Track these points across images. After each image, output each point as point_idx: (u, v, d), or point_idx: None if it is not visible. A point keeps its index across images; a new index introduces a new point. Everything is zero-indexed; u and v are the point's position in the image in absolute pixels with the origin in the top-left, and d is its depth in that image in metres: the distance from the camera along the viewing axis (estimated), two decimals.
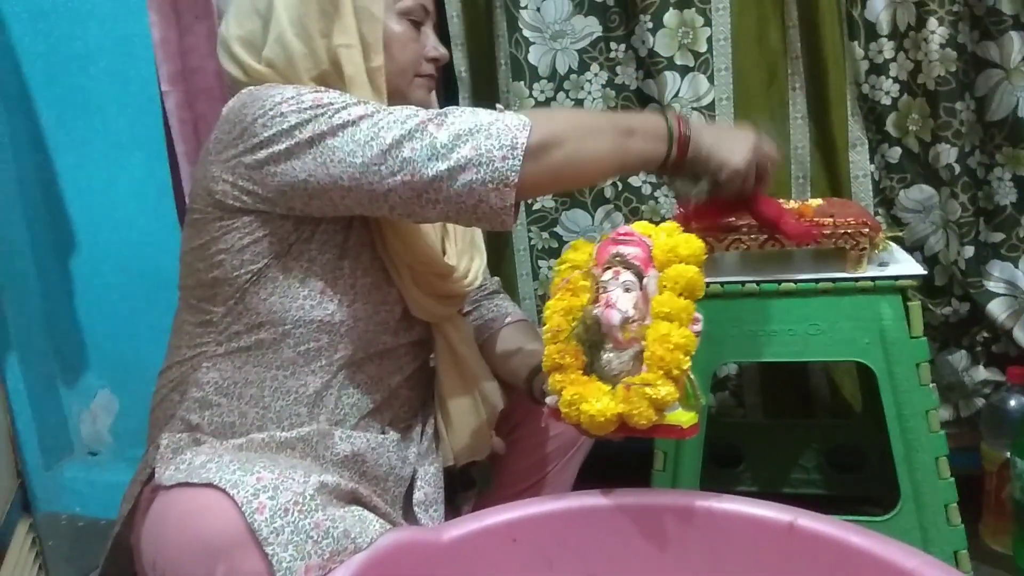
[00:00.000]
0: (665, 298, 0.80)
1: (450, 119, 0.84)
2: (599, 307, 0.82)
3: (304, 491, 0.75)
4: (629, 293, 0.81)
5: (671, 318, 0.79)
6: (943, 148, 1.32)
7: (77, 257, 1.82)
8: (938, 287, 1.39)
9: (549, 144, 0.84)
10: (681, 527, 0.83)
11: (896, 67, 1.35)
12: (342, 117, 0.85)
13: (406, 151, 0.83)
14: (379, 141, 0.84)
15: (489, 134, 0.82)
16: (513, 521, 0.84)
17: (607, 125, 0.89)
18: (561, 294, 0.85)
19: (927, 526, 1.13)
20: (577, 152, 0.86)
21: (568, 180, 0.91)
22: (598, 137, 0.88)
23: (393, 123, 0.84)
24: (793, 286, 1.12)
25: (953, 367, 1.40)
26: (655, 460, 1.21)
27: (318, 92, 0.88)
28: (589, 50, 1.48)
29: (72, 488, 1.80)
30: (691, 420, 0.80)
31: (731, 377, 1.55)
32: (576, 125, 0.88)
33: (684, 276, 0.80)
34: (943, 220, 1.36)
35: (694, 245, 0.83)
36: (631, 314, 0.80)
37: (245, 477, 0.75)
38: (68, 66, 1.72)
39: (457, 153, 0.82)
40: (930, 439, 1.12)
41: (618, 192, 1.52)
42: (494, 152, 0.82)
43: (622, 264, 0.82)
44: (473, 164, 0.82)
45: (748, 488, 1.52)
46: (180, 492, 0.78)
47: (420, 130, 0.83)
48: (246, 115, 0.88)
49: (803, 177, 1.44)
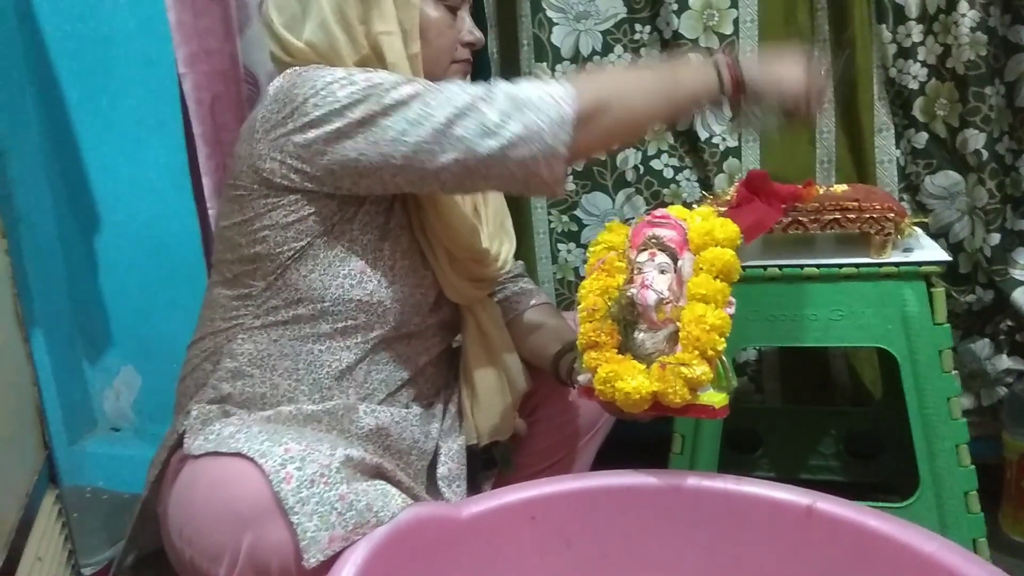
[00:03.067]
0: (701, 280, 0.82)
1: (498, 95, 0.85)
2: (634, 287, 0.83)
3: (331, 463, 0.76)
4: (664, 275, 0.83)
5: (707, 300, 0.81)
6: (971, 134, 1.30)
7: (101, 235, 1.83)
8: (962, 274, 1.38)
9: (596, 111, 0.86)
10: (699, 509, 0.84)
11: (924, 51, 1.33)
12: (393, 97, 0.86)
13: (458, 130, 0.84)
14: (431, 121, 0.85)
15: (539, 108, 0.84)
16: (532, 499, 0.84)
17: (651, 78, 0.92)
18: (597, 274, 0.87)
19: (946, 513, 1.12)
20: (625, 112, 0.89)
21: (621, 138, 0.95)
22: (644, 92, 0.90)
23: (444, 102, 0.85)
24: (816, 271, 1.12)
25: (976, 355, 1.39)
26: (673, 443, 1.21)
27: (368, 72, 0.90)
28: (613, 31, 1.47)
29: (95, 463, 1.82)
30: (723, 401, 0.82)
31: (750, 362, 1.54)
32: (620, 84, 0.91)
33: (720, 259, 0.82)
34: (969, 207, 1.35)
35: (730, 229, 0.84)
36: (666, 295, 0.82)
37: (273, 448, 0.76)
38: (92, 46, 1.73)
39: (508, 130, 0.84)
40: (951, 426, 1.11)
41: (639, 175, 1.51)
42: (543, 127, 0.83)
43: (658, 246, 0.84)
44: (524, 140, 0.84)
45: (765, 473, 1.52)
46: (210, 461, 0.80)
47: (471, 108, 0.85)
48: (296, 95, 0.89)
49: (828, 162, 1.43)
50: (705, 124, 1.44)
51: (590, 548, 0.84)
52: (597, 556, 0.84)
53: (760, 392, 1.55)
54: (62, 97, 1.77)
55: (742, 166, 1.45)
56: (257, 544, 0.73)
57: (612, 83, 0.92)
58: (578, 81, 0.87)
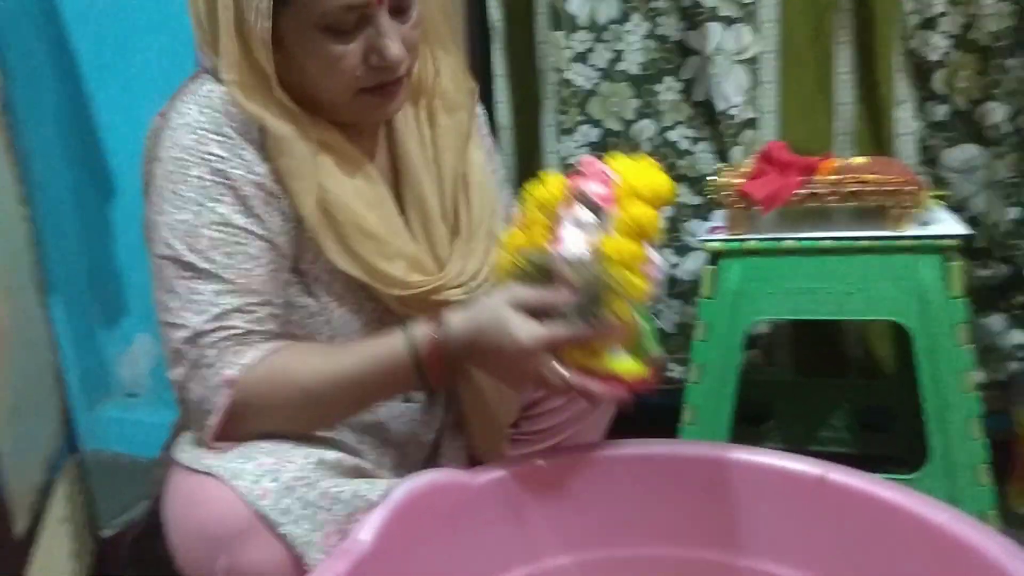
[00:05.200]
0: (612, 239, 0.75)
1: (185, 374, 0.80)
2: (552, 245, 0.77)
3: (304, 467, 0.75)
4: (584, 232, 0.76)
5: (616, 262, 0.74)
6: (992, 107, 1.29)
7: (117, 203, 1.84)
8: (979, 249, 1.37)
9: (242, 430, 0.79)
10: (711, 478, 0.84)
11: (947, 21, 1.31)
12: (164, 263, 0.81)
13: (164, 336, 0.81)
14: (163, 310, 0.81)
15: (195, 406, 0.80)
16: (546, 467, 0.85)
17: (334, 394, 0.81)
18: (515, 230, 0.81)
19: (955, 485, 1.13)
20: (286, 422, 0.81)
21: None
22: (317, 411, 0.82)
23: (176, 321, 0.80)
24: (832, 243, 1.11)
25: (989, 330, 1.38)
26: (685, 415, 1.22)
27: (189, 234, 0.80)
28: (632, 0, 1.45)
29: (113, 428, 1.85)
30: (633, 370, 0.76)
31: (762, 334, 1.54)
32: (292, 404, 0.80)
33: (635, 216, 0.74)
34: (988, 181, 1.34)
35: (657, 182, 0.76)
36: (581, 253, 0.75)
37: (245, 465, 0.75)
38: (108, 13, 1.73)
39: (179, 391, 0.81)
40: (963, 399, 1.11)
41: (655, 147, 1.50)
42: (196, 415, 0.80)
43: (581, 200, 0.77)
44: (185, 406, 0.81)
45: (776, 445, 1.52)
46: (185, 477, 0.78)
47: (167, 344, 0.81)
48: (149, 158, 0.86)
49: (846, 134, 1.42)
50: (723, 95, 1.42)
51: (604, 515, 0.85)
52: (610, 523, 0.85)
53: (772, 363, 1.55)
54: (78, 64, 1.77)
55: (760, 138, 1.43)
56: (235, 566, 0.73)
57: (281, 406, 0.80)
58: (247, 395, 0.78)
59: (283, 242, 0.84)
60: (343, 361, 0.80)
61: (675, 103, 1.48)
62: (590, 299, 0.73)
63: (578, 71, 1.50)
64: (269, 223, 0.83)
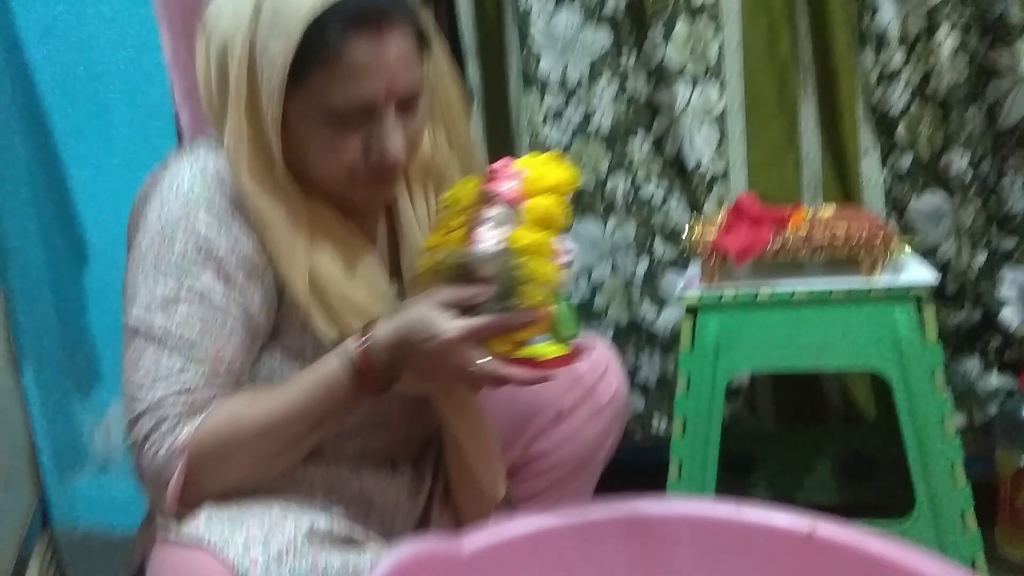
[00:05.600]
0: (521, 231, 0.80)
1: (140, 443, 0.79)
2: (469, 244, 0.82)
3: (295, 536, 0.74)
4: (499, 228, 0.80)
5: (526, 251, 0.79)
6: (954, 155, 1.32)
7: (90, 270, 1.82)
8: (951, 294, 1.40)
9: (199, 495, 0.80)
10: (700, 537, 0.84)
11: (906, 75, 1.35)
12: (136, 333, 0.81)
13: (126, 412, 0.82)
14: (129, 377, 0.82)
15: (151, 476, 0.80)
16: (534, 532, 0.84)
17: (276, 433, 0.82)
18: (434, 232, 0.86)
19: (943, 533, 1.13)
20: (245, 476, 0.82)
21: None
22: (271, 456, 0.83)
23: (139, 389, 0.80)
24: (807, 295, 1.13)
25: (966, 374, 1.40)
26: (670, 470, 1.21)
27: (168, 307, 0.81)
28: (600, 61, 1.48)
29: (86, 502, 1.79)
30: (554, 352, 0.81)
31: (744, 385, 1.55)
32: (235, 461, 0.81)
33: (541, 207, 0.80)
34: (955, 227, 1.37)
35: (560, 174, 0.82)
36: (496, 248, 0.79)
37: (234, 535, 0.74)
38: (81, 81, 1.73)
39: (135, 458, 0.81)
40: (945, 445, 1.12)
41: (629, 202, 1.52)
42: (154, 486, 0.80)
43: (492, 200, 0.82)
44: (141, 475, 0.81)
45: (762, 496, 1.52)
46: (171, 550, 0.77)
47: (130, 426, 0.81)
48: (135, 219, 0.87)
49: (815, 184, 1.45)
50: (694, 150, 1.45)
51: None
52: None
53: (754, 415, 1.55)
54: (52, 132, 1.77)
55: (731, 191, 1.46)
56: None
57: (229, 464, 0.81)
58: (197, 464, 0.78)
59: (261, 318, 0.85)
60: (286, 392, 0.82)
61: (647, 159, 1.51)
62: (506, 289, 0.78)
63: (551, 130, 1.52)
64: (250, 298, 0.83)
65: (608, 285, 1.56)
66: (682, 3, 1.41)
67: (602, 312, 1.57)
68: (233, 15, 0.80)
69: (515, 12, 1.48)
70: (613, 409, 1.10)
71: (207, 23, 0.84)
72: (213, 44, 0.82)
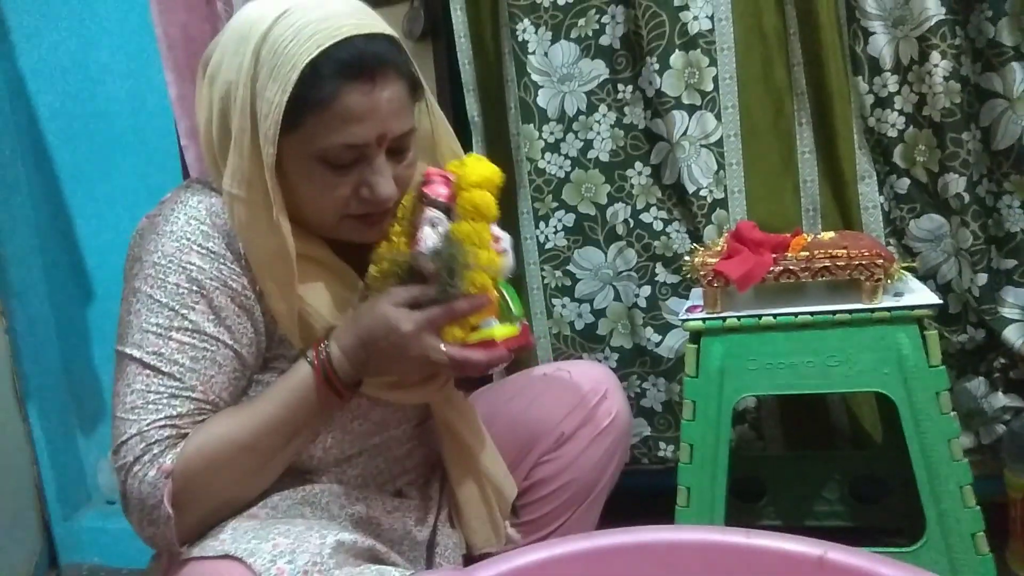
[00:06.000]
0: (457, 224, 0.87)
1: (126, 468, 0.81)
2: (413, 247, 0.88)
3: (321, 551, 0.75)
4: (436, 228, 0.87)
5: (465, 242, 0.86)
6: (951, 178, 1.34)
7: (94, 307, 1.84)
8: (953, 315, 1.40)
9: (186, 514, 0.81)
10: (710, 564, 0.83)
11: (901, 100, 1.37)
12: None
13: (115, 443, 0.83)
14: (119, 403, 0.83)
15: (136, 502, 0.81)
16: (543, 561, 0.83)
17: (253, 455, 0.85)
18: (378, 244, 0.91)
19: (955, 556, 1.12)
20: (228, 496, 0.84)
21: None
22: (256, 469, 0.86)
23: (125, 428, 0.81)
24: (810, 318, 1.13)
25: (972, 394, 1.40)
26: (678, 497, 1.20)
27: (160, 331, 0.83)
28: (597, 92, 1.51)
29: (91, 538, 1.79)
30: (505, 333, 0.88)
31: (750, 410, 1.55)
32: (217, 480, 0.83)
33: (471, 200, 0.87)
34: (955, 249, 1.38)
35: (484, 170, 0.89)
36: (438, 245, 0.87)
37: (261, 545, 0.75)
38: (86, 122, 1.76)
39: (120, 484, 0.82)
40: (953, 467, 1.11)
41: (630, 229, 1.53)
42: (140, 510, 0.81)
43: (428, 203, 0.88)
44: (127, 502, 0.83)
45: (772, 522, 1.51)
46: (196, 566, 0.77)
47: (118, 451, 0.82)
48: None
49: (813, 210, 1.46)
50: (692, 178, 1.47)
51: None
52: None
53: (761, 440, 1.55)
54: (55, 173, 1.79)
55: (730, 217, 1.47)
56: None
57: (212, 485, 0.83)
58: (182, 482, 0.80)
59: (248, 354, 0.88)
60: (261, 406, 0.86)
61: (646, 187, 1.52)
62: (451, 280, 0.85)
63: (550, 160, 1.54)
64: (238, 334, 0.87)
65: (611, 312, 1.57)
66: (677, 34, 1.43)
67: (606, 338, 1.58)
68: (235, 62, 0.84)
69: (513, 45, 1.50)
70: (615, 432, 1.12)
71: (208, 69, 0.88)
72: (216, 90, 0.86)
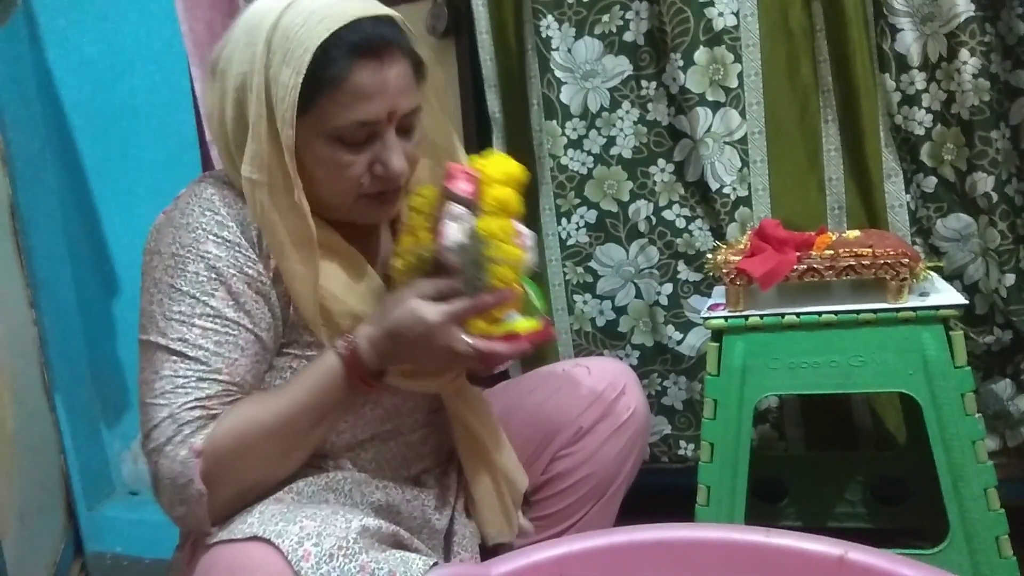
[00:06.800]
0: (482, 220, 0.88)
1: (158, 450, 0.83)
2: (437, 241, 0.89)
3: (347, 535, 0.76)
4: (460, 222, 0.88)
5: (490, 237, 0.87)
6: (979, 177, 1.32)
7: (119, 300, 1.86)
8: (979, 316, 1.38)
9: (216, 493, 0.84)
10: (729, 562, 0.83)
11: (929, 98, 1.35)
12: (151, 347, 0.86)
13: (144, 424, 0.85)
14: (147, 390, 0.85)
15: (168, 481, 0.83)
16: (561, 557, 0.83)
17: (279, 441, 0.87)
18: (402, 238, 0.93)
19: (978, 559, 1.11)
20: (254, 480, 0.87)
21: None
22: (281, 453, 0.88)
23: (156, 399, 0.84)
24: (834, 317, 1.12)
25: (998, 396, 1.38)
26: (698, 495, 1.20)
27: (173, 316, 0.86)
28: (620, 88, 1.50)
29: (115, 528, 1.81)
30: (528, 326, 0.90)
31: (772, 409, 1.54)
32: (244, 464, 0.86)
33: (497, 196, 0.88)
34: (982, 248, 1.36)
35: (508, 167, 0.91)
36: (462, 239, 0.88)
37: (289, 527, 0.76)
38: (112, 116, 1.78)
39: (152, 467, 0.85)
40: (978, 470, 1.10)
41: (652, 226, 1.53)
42: (171, 490, 0.84)
43: (452, 198, 0.89)
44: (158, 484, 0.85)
45: (792, 523, 1.50)
46: (224, 548, 0.78)
47: (148, 435, 0.84)
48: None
49: (839, 208, 1.45)
50: (716, 175, 1.46)
51: None
52: None
53: (783, 440, 1.54)
54: (82, 167, 1.82)
55: (754, 215, 1.46)
56: None
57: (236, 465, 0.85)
58: (210, 466, 0.82)
59: (268, 338, 0.90)
60: (289, 391, 0.88)
61: (669, 184, 1.52)
62: (476, 274, 0.87)
63: (573, 156, 1.54)
64: (257, 319, 0.89)
65: (633, 309, 1.57)
66: (701, 31, 1.42)
67: (627, 335, 1.58)
68: (248, 53, 0.86)
69: (536, 41, 1.50)
70: (633, 427, 1.12)
71: (219, 64, 0.90)
72: (230, 81, 0.88)
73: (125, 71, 1.75)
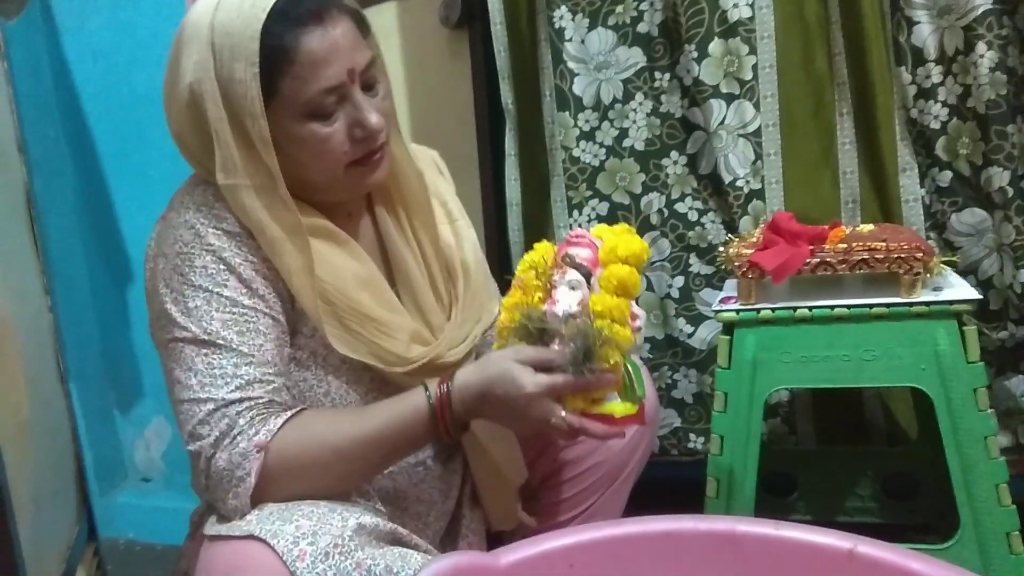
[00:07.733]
0: (598, 296, 0.86)
1: (212, 444, 0.83)
2: (547, 304, 0.87)
3: (343, 533, 0.77)
4: (575, 291, 0.87)
5: (603, 315, 0.85)
6: (995, 171, 1.31)
7: (132, 289, 1.87)
8: (993, 311, 1.37)
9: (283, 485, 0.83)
10: (739, 554, 0.83)
11: (945, 91, 1.34)
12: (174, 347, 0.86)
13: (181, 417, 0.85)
14: (183, 388, 0.85)
15: (225, 475, 0.82)
16: (570, 547, 0.83)
17: (362, 458, 0.87)
18: (512, 291, 0.91)
19: (988, 555, 1.10)
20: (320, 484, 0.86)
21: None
22: (342, 477, 0.87)
23: (194, 399, 0.84)
24: (846, 311, 1.12)
25: (1011, 392, 1.37)
26: (708, 488, 1.20)
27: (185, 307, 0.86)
28: (634, 80, 1.50)
29: (127, 514, 1.83)
30: (625, 410, 0.87)
31: (783, 404, 1.53)
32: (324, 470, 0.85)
33: (616, 275, 0.86)
34: (996, 243, 1.35)
35: (633, 245, 0.88)
36: (573, 310, 0.85)
37: (284, 526, 0.77)
38: (126, 107, 1.79)
39: (204, 464, 0.84)
40: (989, 466, 1.10)
41: (664, 219, 1.52)
42: (226, 484, 0.83)
43: (571, 264, 0.88)
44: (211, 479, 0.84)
45: (802, 517, 1.50)
46: (223, 545, 0.79)
47: (191, 437, 0.84)
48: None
49: (852, 202, 1.44)
50: (729, 168, 1.45)
51: None
52: None
53: (794, 434, 1.54)
54: (96, 156, 1.83)
55: (767, 208, 1.46)
56: None
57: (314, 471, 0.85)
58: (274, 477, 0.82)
59: (284, 320, 0.91)
60: (370, 420, 0.87)
61: (681, 176, 1.51)
62: (583, 350, 0.83)
63: (585, 148, 1.53)
64: (271, 302, 0.89)
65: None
66: (716, 22, 1.42)
67: None
68: (190, 63, 0.87)
69: (549, 32, 1.50)
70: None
71: (166, 88, 0.91)
72: (179, 95, 0.88)
73: (140, 60, 1.76)
